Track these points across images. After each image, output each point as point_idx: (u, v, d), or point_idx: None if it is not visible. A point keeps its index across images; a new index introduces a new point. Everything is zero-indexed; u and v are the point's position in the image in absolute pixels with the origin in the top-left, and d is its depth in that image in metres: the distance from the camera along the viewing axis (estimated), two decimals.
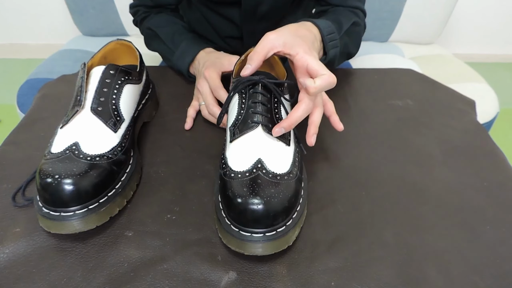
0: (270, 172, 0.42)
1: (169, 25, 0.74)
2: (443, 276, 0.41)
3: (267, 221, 0.39)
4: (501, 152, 0.58)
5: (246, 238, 0.39)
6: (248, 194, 0.39)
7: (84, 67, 0.50)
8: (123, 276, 0.40)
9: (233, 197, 0.40)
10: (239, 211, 0.39)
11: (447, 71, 1.14)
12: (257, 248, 0.39)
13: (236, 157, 0.44)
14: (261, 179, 0.41)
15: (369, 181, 0.52)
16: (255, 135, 0.45)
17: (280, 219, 0.40)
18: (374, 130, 0.61)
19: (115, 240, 0.43)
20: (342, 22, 0.65)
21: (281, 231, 0.40)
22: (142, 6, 0.78)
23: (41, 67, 1.12)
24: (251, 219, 0.39)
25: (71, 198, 0.40)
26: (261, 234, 0.39)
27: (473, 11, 1.91)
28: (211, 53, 0.67)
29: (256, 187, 0.40)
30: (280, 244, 0.40)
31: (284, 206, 0.40)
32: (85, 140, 0.44)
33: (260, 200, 0.39)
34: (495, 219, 0.47)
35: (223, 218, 0.41)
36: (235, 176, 0.42)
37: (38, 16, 1.91)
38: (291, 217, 0.41)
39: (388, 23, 1.26)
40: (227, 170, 0.43)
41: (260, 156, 0.43)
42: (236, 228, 0.40)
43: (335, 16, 0.68)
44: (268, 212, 0.39)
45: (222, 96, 0.58)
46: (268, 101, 0.48)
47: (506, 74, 2.04)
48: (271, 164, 0.43)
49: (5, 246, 0.42)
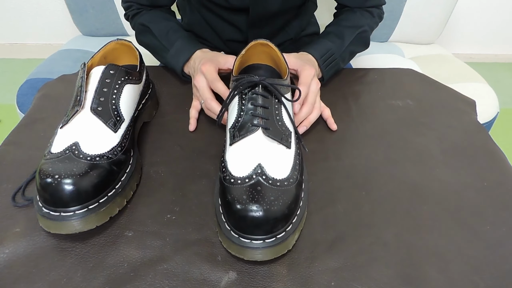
0: (270, 178, 0.41)
1: (163, 21, 0.74)
2: (443, 276, 0.41)
3: (267, 228, 0.39)
4: (501, 152, 0.58)
5: (245, 245, 0.39)
6: (248, 201, 0.39)
7: (84, 67, 0.50)
8: (123, 276, 0.40)
9: (232, 203, 0.40)
10: (238, 218, 0.39)
11: (447, 71, 1.14)
12: (257, 254, 0.39)
13: (236, 162, 0.44)
14: (261, 185, 0.40)
15: (369, 181, 0.52)
16: (255, 139, 0.45)
17: (280, 225, 0.40)
18: (374, 130, 0.61)
19: (115, 240, 0.43)
20: (344, 37, 0.71)
21: (280, 237, 0.40)
22: (135, 3, 0.77)
23: (41, 67, 1.11)
24: (251, 226, 0.38)
25: (71, 198, 0.40)
26: (260, 241, 0.39)
27: (473, 11, 1.91)
28: (207, 53, 0.67)
29: (256, 194, 0.40)
30: (279, 249, 0.40)
31: (284, 213, 0.40)
32: (85, 140, 0.44)
33: (260, 207, 0.38)
34: (495, 219, 0.47)
35: (223, 223, 0.41)
36: (235, 182, 0.41)
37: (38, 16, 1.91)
38: (291, 222, 0.41)
39: (388, 23, 1.26)
40: (227, 174, 0.43)
41: (260, 161, 0.43)
42: (235, 234, 0.39)
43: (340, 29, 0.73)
44: (268, 219, 0.38)
45: (220, 89, 0.58)
46: (269, 102, 0.47)
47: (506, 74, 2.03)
48: (271, 170, 0.42)
49: (5, 246, 0.42)
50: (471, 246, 0.44)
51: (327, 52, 0.68)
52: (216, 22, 0.81)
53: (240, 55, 0.56)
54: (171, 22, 0.73)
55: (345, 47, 0.71)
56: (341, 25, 0.74)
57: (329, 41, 0.70)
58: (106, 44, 0.58)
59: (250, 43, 0.55)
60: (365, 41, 0.76)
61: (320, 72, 0.68)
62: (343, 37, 0.71)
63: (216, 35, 0.83)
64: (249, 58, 0.59)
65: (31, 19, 1.92)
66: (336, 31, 0.72)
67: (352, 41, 0.72)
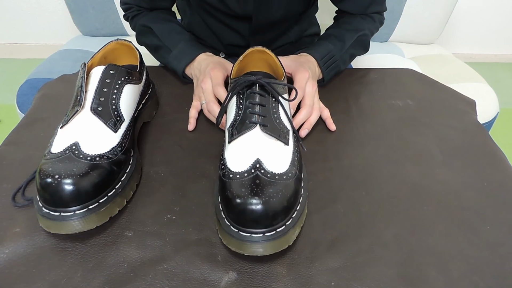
0: (268, 172, 0.42)
1: (165, 22, 0.74)
2: (443, 276, 0.41)
3: (266, 221, 0.39)
4: (501, 152, 0.58)
5: (245, 239, 0.39)
6: (247, 194, 0.39)
7: (84, 67, 0.50)
8: (123, 276, 0.40)
9: (232, 197, 0.40)
10: (238, 212, 0.39)
11: (447, 71, 1.14)
12: (257, 249, 0.39)
13: (234, 158, 0.44)
14: (260, 179, 0.41)
15: (369, 181, 0.52)
16: (253, 135, 0.45)
17: (279, 218, 0.40)
18: (374, 130, 0.61)
19: (115, 240, 0.43)
20: (345, 39, 0.71)
21: (280, 231, 0.40)
22: (135, 5, 0.77)
23: (41, 67, 1.12)
24: (250, 219, 0.39)
25: (71, 198, 0.40)
26: (260, 234, 0.39)
27: (473, 11, 1.91)
28: (213, 57, 0.68)
29: (255, 187, 0.40)
30: (280, 244, 0.40)
31: (283, 206, 0.40)
32: (85, 140, 0.44)
33: (259, 200, 0.39)
34: (495, 219, 0.47)
35: (223, 219, 0.41)
36: (234, 176, 0.42)
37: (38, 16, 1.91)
38: (291, 216, 0.41)
39: (388, 23, 1.26)
40: (226, 171, 0.43)
41: (258, 156, 0.43)
42: (235, 228, 0.40)
43: (342, 33, 0.72)
44: (267, 212, 0.39)
45: (220, 94, 0.59)
46: (266, 101, 0.48)
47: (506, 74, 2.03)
48: (269, 164, 0.43)
49: (5, 246, 0.42)
50: (471, 246, 0.44)
51: (327, 53, 0.69)
52: (217, 27, 0.81)
53: (238, 61, 0.57)
54: (172, 24, 0.74)
55: (346, 49, 0.71)
56: (342, 28, 0.74)
57: (329, 43, 0.70)
58: (106, 44, 0.58)
59: (247, 50, 0.56)
60: (365, 45, 0.76)
61: (321, 73, 0.69)
62: (344, 40, 0.71)
63: (216, 38, 0.84)
64: (246, 65, 0.60)
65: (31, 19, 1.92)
66: (337, 33, 0.72)
67: (353, 43, 0.72)
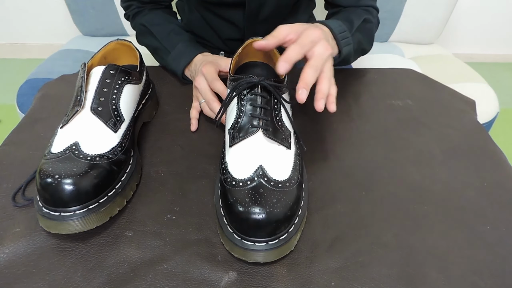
0: (271, 180, 0.41)
1: (164, 23, 0.73)
2: (443, 276, 0.41)
3: (269, 230, 0.39)
4: (501, 152, 0.58)
5: (248, 247, 0.39)
6: (250, 203, 0.39)
7: (84, 67, 0.50)
8: (123, 276, 0.40)
9: (234, 206, 0.40)
10: (241, 220, 0.39)
11: (447, 71, 1.14)
12: (260, 256, 0.39)
13: (236, 164, 0.44)
14: (263, 187, 0.40)
15: (369, 181, 0.52)
16: (255, 140, 0.45)
17: (282, 227, 0.40)
18: (374, 130, 0.61)
19: (115, 240, 0.43)
20: (353, 20, 0.66)
21: (283, 239, 0.40)
22: (135, 1, 0.77)
23: (41, 67, 1.11)
24: (254, 228, 0.39)
25: (71, 198, 0.40)
26: (263, 243, 0.39)
27: (473, 11, 1.91)
28: (208, 56, 0.68)
29: (258, 196, 0.40)
30: (282, 250, 0.40)
31: (286, 215, 0.40)
32: (85, 140, 0.44)
33: (263, 210, 0.38)
34: (495, 219, 0.47)
35: (225, 225, 0.41)
36: (237, 184, 0.41)
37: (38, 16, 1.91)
38: (293, 223, 0.41)
39: (388, 23, 1.26)
40: (228, 176, 0.43)
41: (261, 163, 0.43)
42: (238, 237, 0.40)
43: (346, 15, 0.69)
44: (270, 222, 0.38)
45: (219, 88, 0.58)
46: (268, 103, 0.47)
47: (506, 74, 2.03)
48: (272, 171, 0.42)
49: (5, 246, 0.42)
50: (471, 246, 0.44)
51: (339, 26, 0.60)
52: (214, 20, 0.81)
53: (237, 54, 0.56)
54: (172, 24, 0.74)
55: (355, 29, 0.65)
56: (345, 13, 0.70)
57: (338, 20, 0.62)
58: (106, 44, 0.58)
59: (246, 41, 0.55)
60: (371, 34, 0.72)
61: (336, 45, 0.59)
62: (351, 21, 0.66)
63: (215, 34, 0.83)
64: (245, 56, 0.59)
65: (31, 19, 1.92)
66: (342, 17, 0.68)
67: (360, 27, 0.67)
